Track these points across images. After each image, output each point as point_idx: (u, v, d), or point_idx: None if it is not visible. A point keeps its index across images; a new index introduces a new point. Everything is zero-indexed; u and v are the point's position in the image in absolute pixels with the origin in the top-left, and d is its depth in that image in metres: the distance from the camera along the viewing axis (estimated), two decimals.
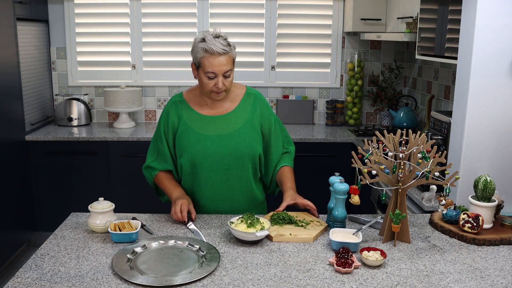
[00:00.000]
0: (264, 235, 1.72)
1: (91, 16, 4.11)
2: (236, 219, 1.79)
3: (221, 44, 1.87)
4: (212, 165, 2.01)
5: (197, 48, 1.89)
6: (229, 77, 1.92)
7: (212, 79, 1.90)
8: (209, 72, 1.88)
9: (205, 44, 1.87)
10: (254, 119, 2.04)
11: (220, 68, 1.87)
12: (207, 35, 1.89)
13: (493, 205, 1.86)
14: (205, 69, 1.88)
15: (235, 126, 2.01)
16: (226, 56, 1.88)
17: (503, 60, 2.05)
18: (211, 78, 1.90)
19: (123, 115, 4.01)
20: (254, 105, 2.06)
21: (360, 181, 1.77)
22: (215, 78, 1.90)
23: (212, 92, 1.94)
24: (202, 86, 1.95)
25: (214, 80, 1.90)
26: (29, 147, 3.65)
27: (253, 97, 2.08)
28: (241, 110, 2.04)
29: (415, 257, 1.66)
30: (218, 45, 1.86)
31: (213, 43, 1.86)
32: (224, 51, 1.87)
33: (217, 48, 1.85)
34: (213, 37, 1.88)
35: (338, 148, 3.70)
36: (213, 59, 1.86)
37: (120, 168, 3.69)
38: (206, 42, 1.87)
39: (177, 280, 1.46)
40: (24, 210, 3.62)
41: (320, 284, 1.47)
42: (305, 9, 4.16)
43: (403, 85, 4.31)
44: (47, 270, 1.54)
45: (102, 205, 1.85)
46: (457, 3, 2.36)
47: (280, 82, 4.27)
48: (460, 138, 2.15)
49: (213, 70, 1.87)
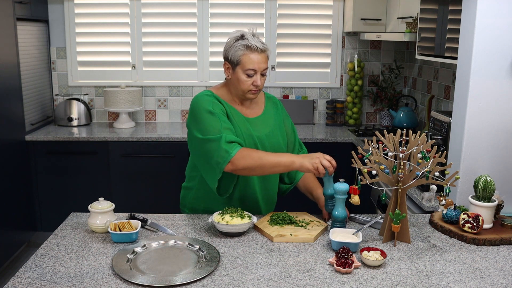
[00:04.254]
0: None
1: (91, 16, 4.11)
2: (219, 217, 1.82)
3: (261, 43, 1.90)
4: None
5: (237, 46, 1.89)
6: (265, 75, 1.95)
7: (251, 76, 1.91)
8: (249, 70, 1.89)
9: (246, 41, 1.88)
10: (279, 121, 2.09)
11: (260, 65, 1.90)
12: (246, 33, 1.92)
13: (493, 205, 1.86)
14: (245, 67, 1.89)
15: (268, 128, 2.04)
16: (265, 53, 1.91)
17: (503, 60, 2.05)
18: (250, 75, 1.91)
19: (123, 115, 4.01)
20: (276, 109, 2.11)
21: (360, 181, 1.77)
22: (254, 76, 1.91)
23: (249, 91, 1.94)
24: (239, 84, 1.93)
25: (252, 78, 1.91)
26: (29, 147, 3.65)
27: (273, 100, 2.13)
28: (268, 113, 2.08)
29: (415, 257, 1.66)
30: (259, 43, 1.89)
31: (254, 40, 1.89)
32: (264, 48, 1.90)
33: (259, 45, 1.88)
34: (252, 35, 1.91)
35: (338, 148, 3.70)
36: (254, 56, 1.88)
37: (120, 168, 3.69)
38: (246, 40, 1.89)
39: (177, 280, 1.46)
40: (24, 210, 3.62)
41: (320, 284, 1.47)
42: (305, 9, 4.16)
43: (403, 85, 4.31)
44: (47, 270, 1.54)
45: (102, 205, 1.85)
46: (457, 3, 2.36)
47: (280, 82, 4.27)
48: (460, 138, 2.15)
49: (253, 67, 1.89)
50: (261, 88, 1.96)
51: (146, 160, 3.69)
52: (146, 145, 3.67)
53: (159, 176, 3.70)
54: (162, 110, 4.26)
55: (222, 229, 1.79)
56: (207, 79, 4.22)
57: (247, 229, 1.83)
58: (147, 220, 1.91)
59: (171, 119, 4.29)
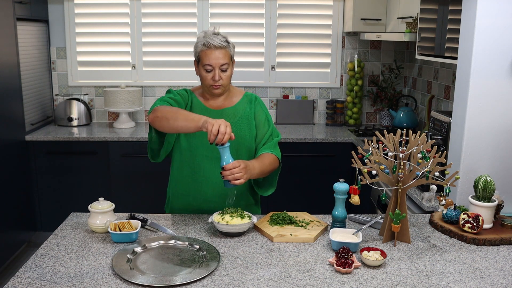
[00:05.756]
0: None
1: (91, 16, 4.11)
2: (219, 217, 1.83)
3: (219, 40, 1.99)
4: (207, 151, 2.04)
5: (197, 43, 2.02)
6: (226, 71, 2.01)
7: (209, 72, 2.00)
8: (206, 65, 1.99)
9: (205, 39, 1.99)
10: (249, 114, 2.11)
11: (217, 61, 1.98)
12: (207, 31, 2.03)
13: (493, 205, 1.86)
14: (203, 62, 2.00)
15: (231, 119, 2.07)
16: (223, 50, 1.99)
17: (503, 60, 2.05)
18: (209, 71, 2.00)
19: (123, 115, 4.01)
20: (250, 104, 2.14)
21: (360, 181, 1.77)
22: (212, 71, 1.99)
23: (210, 86, 2.02)
24: (201, 79, 2.05)
25: (211, 74, 2.00)
26: (29, 147, 3.65)
27: (249, 97, 2.16)
28: (238, 106, 2.12)
29: (415, 257, 1.66)
30: (216, 40, 1.98)
31: (211, 38, 1.99)
32: (221, 45, 1.98)
33: (215, 42, 1.97)
34: (212, 34, 2.01)
35: (338, 148, 3.70)
36: (210, 52, 1.98)
37: (120, 168, 3.69)
38: (205, 38, 2.00)
39: (177, 280, 1.46)
40: (24, 210, 3.62)
41: (320, 284, 1.47)
42: (305, 9, 4.16)
43: (403, 85, 4.31)
44: (47, 270, 1.54)
45: (102, 205, 1.85)
46: (457, 3, 2.36)
47: (280, 82, 4.27)
48: (460, 138, 2.15)
49: (210, 63, 1.98)
50: (225, 84, 2.02)
51: (146, 160, 3.66)
52: (146, 145, 3.65)
53: (159, 176, 3.69)
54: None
55: (222, 229, 1.80)
56: None
57: (247, 229, 1.83)
58: (147, 220, 1.91)
59: None
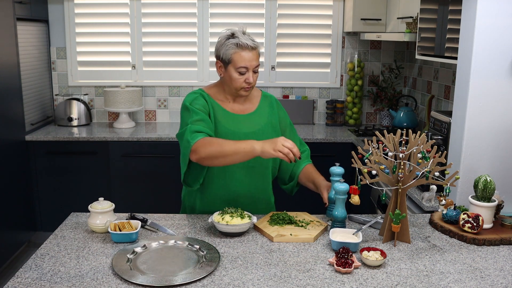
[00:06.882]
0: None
1: (91, 16, 4.11)
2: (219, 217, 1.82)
3: (252, 40, 1.93)
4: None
5: (228, 44, 1.92)
6: (257, 72, 1.97)
7: (243, 74, 1.93)
8: (241, 67, 1.91)
9: (236, 39, 1.91)
10: (273, 120, 2.09)
11: (252, 62, 1.92)
12: (236, 31, 1.94)
13: (493, 205, 1.86)
14: (236, 64, 1.91)
15: (258, 126, 2.04)
16: (256, 51, 1.94)
17: (503, 60, 2.05)
18: (242, 73, 1.93)
19: (123, 115, 4.01)
20: (271, 107, 2.11)
21: (360, 181, 1.77)
22: (246, 74, 1.93)
23: (241, 88, 1.96)
24: (231, 82, 1.96)
25: (245, 76, 1.93)
26: (29, 147, 3.65)
27: (269, 99, 2.13)
28: (261, 111, 2.08)
29: (415, 257, 1.66)
30: (250, 41, 1.92)
31: (244, 38, 1.91)
32: (254, 45, 1.93)
33: (249, 43, 1.91)
34: (242, 34, 1.94)
35: (338, 148, 3.70)
36: (245, 54, 1.91)
37: (120, 168, 3.69)
38: (237, 38, 1.91)
39: (177, 280, 1.46)
40: (24, 210, 3.62)
41: (320, 284, 1.47)
42: (305, 9, 4.16)
43: (403, 85, 4.31)
44: (47, 270, 1.54)
45: (102, 205, 1.85)
46: (457, 3, 2.36)
47: (280, 82, 4.27)
48: (460, 138, 2.15)
49: (245, 65, 1.91)
50: (254, 85, 1.98)
51: (146, 160, 3.69)
52: (146, 145, 3.67)
53: (159, 176, 3.70)
54: (162, 110, 4.26)
55: (222, 229, 1.80)
56: (207, 79, 4.22)
57: (247, 229, 1.83)
58: (147, 220, 1.91)
59: (171, 119, 4.28)
